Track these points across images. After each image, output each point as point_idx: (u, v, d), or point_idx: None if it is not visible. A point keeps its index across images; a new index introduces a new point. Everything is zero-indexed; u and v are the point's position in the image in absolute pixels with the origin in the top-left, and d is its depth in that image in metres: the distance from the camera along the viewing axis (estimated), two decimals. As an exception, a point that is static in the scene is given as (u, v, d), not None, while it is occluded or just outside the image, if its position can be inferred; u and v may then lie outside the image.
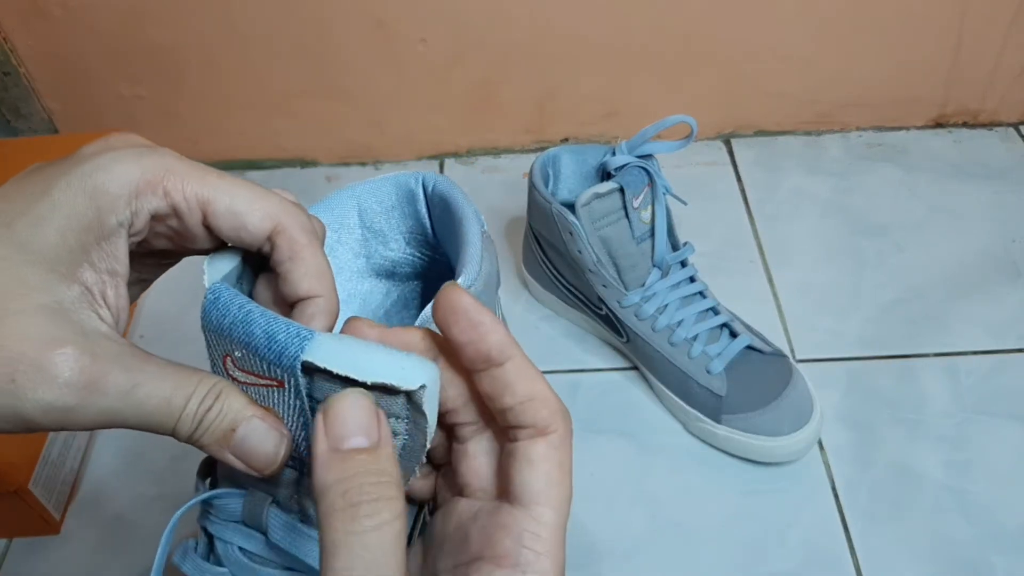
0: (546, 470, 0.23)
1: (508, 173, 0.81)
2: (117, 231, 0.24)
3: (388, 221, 0.36)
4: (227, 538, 0.28)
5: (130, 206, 0.24)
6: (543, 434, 0.23)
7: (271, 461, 0.24)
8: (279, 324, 0.24)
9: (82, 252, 0.23)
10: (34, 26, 0.72)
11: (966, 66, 0.78)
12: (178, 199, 0.24)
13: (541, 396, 0.24)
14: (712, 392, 0.57)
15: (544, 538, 0.23)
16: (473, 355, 0.23)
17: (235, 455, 0.24)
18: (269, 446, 0.24)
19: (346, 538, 0.20)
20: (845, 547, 0.54)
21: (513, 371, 0.23)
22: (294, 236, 0.25)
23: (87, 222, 0.23)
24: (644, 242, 0.58)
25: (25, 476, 0.53)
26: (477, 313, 0.23)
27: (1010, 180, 0.77)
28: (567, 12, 0.72)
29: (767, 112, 0.81)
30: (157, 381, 0.23)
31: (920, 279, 0.69)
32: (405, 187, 0.35)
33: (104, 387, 0.22)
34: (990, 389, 0.61)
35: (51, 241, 0.23)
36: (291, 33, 0.73)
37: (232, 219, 0.25)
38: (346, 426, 0.21)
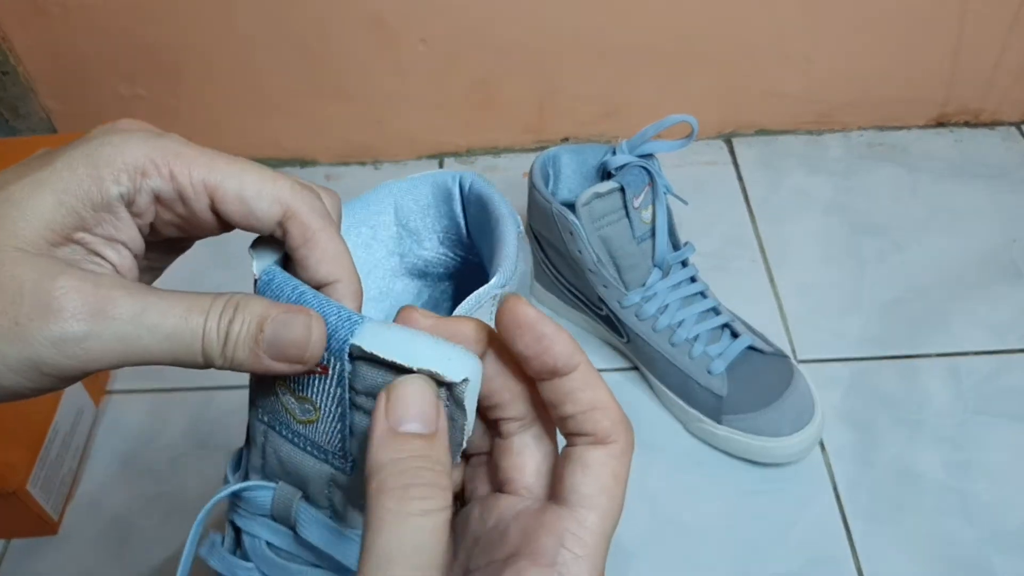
0: (599, 476, 0.23)
1: (508, 173, 0.81)
2: (117, 201, 0.23)
3: (423, 220, 0.36)
4: (255, 532, 0.28)
5: (133, 181, 0.23)
6: (603, 443, 0.23)
7: (307, 343, 0.23)
8: (331, 307, 0.23)
9: (78, 215, 0.23)
10: (33, 25, 0.72)
11: (967, 65, 0.78)
12: (184, 183, 0.24)
13: (604, 406, 0.23)
14: (713, 392, 0.57)
15: (586, 542, 0.22)
16: (539, 367, 0.23)
17: (272, 356, 0.23)
18: (299, 329, 0.23)
19: (394, 517, 0.20)
20: (846, 547, 0.54)
21: (578, 380, 0.23)
22: (305, 221, 0.24)
23: (86, 188, 0.23)
24: (645, 242, 0.58)
25: (23, 476, 0.53)
26: (541, 325, 0.23)
27: (1011, 180, 0.77)
28: (567, 12, 0.72)
29: (768, 111, 0.81)
30: (168, 302, 0.23)
31: (921, 279, 0.69)
32: (442, 186, 0.35)
33: (113, 311, 0.22)
34: (991, 389, 0.61)
35: (47, 202, 0.22)
36: (291, 32, 0.73)
37: (240, 205, 0.24)
38: (408, 409, 0.21)
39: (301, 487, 0.27)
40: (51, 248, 0.22)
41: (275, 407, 0.26)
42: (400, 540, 0.20)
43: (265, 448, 0.27)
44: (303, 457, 0.27)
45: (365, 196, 0.35)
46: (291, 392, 0.25)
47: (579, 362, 0.23)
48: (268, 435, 0.27)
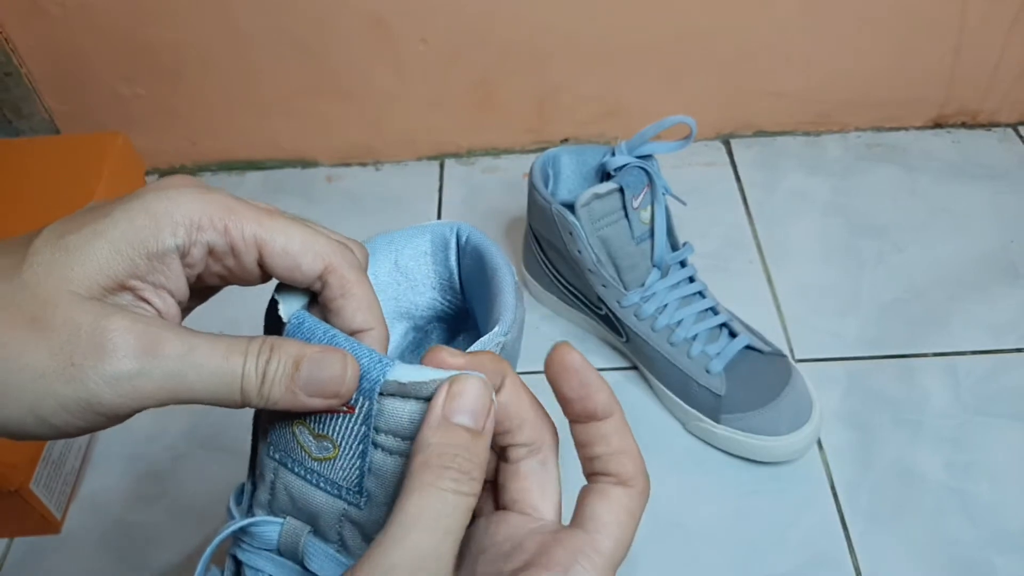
0: (617, 510, 0.25)
1: (508, 173, 0.81)
2: (171, 253, 0.24)
3: (421, 268, 0.38)
4: (258, 567, 0.28)
5: (189, 235, 0.24)
6: (624, 484, 0.26)
7: (343, 379, 0.24)
8: (363, 350, 0.25)
9: (132, 263, 0.24)
10: (35, 26, 0.72)
11: (966, 67, 0.78)
12: (236, 237, 0.25)
13: (631, 452, 0.26)
14: (711, 392, 0.57)
15: (597, 564, 0.24)
16: (579, 411, 0.26)
17: (308, 393, 0.24)
18: (336, 367, 0.24)
19: (428, 488, 0.22)
20: (845, 547, 0.54)
21: (611, 426, 0.26)
22: (345, 275, 0.26)
23: (143, 238, 0.24)
24: (643, 242, 0.58)
25: (26, 476, 0.53)
26: (587, 373, 0.25)
27: (1009, 180, 0.77)
28: (567, 12, 0.72)
29: (766, 112, 0.81)
30: (211, 343, 0.24)
31: (919, 279, 0.69)
32: (440, 236, 0.37)
33: (162, 350, 0.23)
34: (990, 389, 0.61)
35: (103, 250, 0.23)
36: (291, 32, 0.73)
37: (287, 259, 0.26)
38: (465, 402, 0.23)
39: (311, 522, 0.28)
40: (104, 293, 0.23)
41: (289, 444, 0.27)
42: (428, 506, 0.22)
43: (275, 484, 0.28)
44: (315, 493, 0.27)
45: (366, 244, 0.36)
46: (309, 430, 0.26)
47: (615, 411, 0.26)
48: (279, 472, 0.28)
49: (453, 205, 0.78)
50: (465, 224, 0.36)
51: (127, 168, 0.70)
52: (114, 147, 0.68)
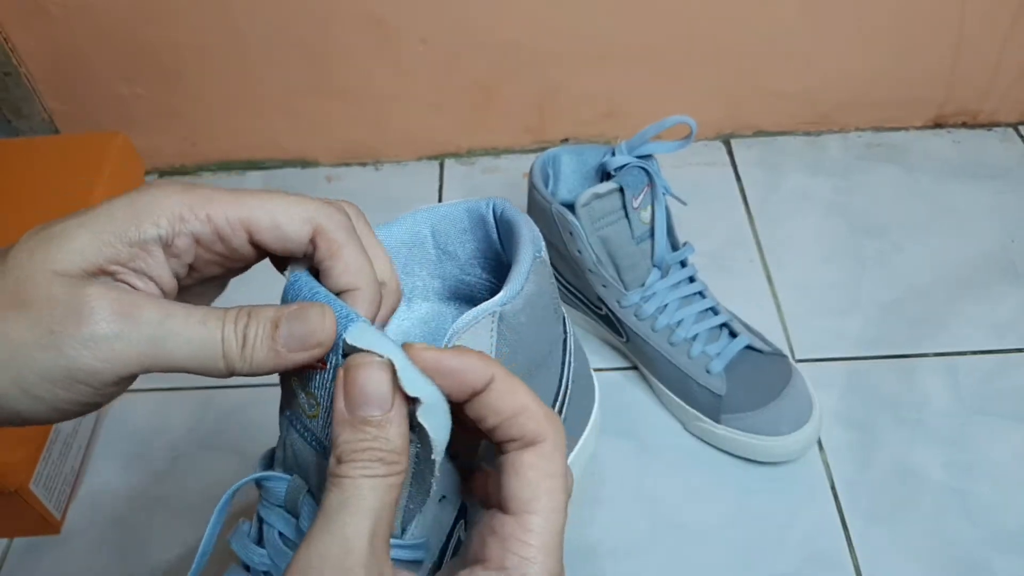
0: (533, 479, 0.24)
1: (508, 173, 0.81)
2: (153, 242, 0.25)
3: (463, 245, 0.36)
4: (271, 521, 0.29)
5: (172, 226, 0.25)
6: (532, 444, 0.24)
7: (321, 328, 0.24)
8: (336, 305, 0.25)
9: (113, 248, 0.24)
10: (34, 26, 0.72)
11: (966, 66, 0.78)
12: (220, 223, 0.25)
13: (525, 409, 0.24)
14: (712, 392, 0.57)
15: (533, 545, 0.23)
16: (461, 395, 0.24)
17: (289, 348, 0.24)
18: (313, 319, 0.24)
19: (343, 480, 0.23)
20: (845, 547, 0.54)
21: (495, 392, 0.24)
22: (332, 236, 0.26)
23: (123, 227, 0.24)
24: (644, 242, 0.58)
25: (26, 476, 0.53)
26: (446, 361, 0.24)
27: (1010, 180, 0.77)
28: (567, 12, 0.72)
29: (767, 112, 0.81)
30: (188, 311, 0.24)
31: (920, 279, 0.69)
32: (476, 211, 0.36)
33: (139, 315, 0.23)
34: (990, 389, 0.61)
35: (84, 237, 0.24)
36: (291, 33, 0.73)
37: (274, 231, 0.26)
38: (362, 394, 0.23)
39: (307, 480, 0.28)
40: (84, 275, 0.24)
41: (293, 402, 0.28)
42: (346, 497, 0.23)
43: (285, 441, 0.29)
44: (308, 450, 0.28)
45: (401, 218, 0.35)
46: (302, 387, 0.27)
47: (492, 374, 0.24)
48: (288, 429, 0.29)
49: (453, 205, 0.78)
50: (501, 200, 0.35)
51: (127, 168, 0.70)
52: (114, 147, 0.68)
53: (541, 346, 0.32)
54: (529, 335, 0.31)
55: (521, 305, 0.30)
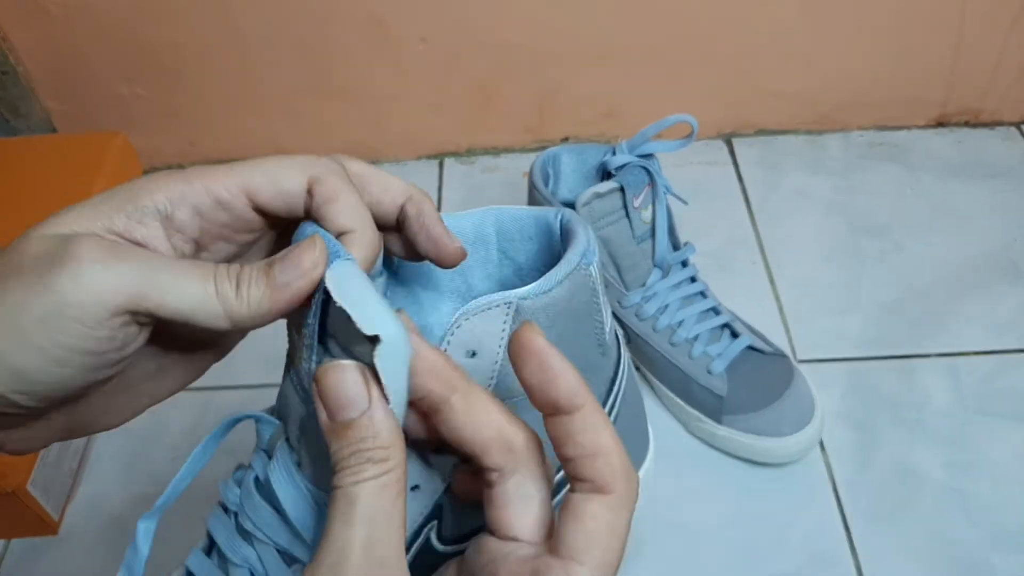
0: (592, 528, 0.22)
1: (508, 173, 0.81)
2: (151, 215, 0.25)
3: (526, 252, 0.34)
4: (253, 464, 0.29)
5: (170, 200, 0.25)
6: (600, 492, 0.23)
7: (312, 257, 0.24)
8: (331, 242, 0.25)
9: (109, 219, 0.24)
10: (33, 25, 0.72)
11: (967, 65, 0.78)
12: (219, 191, 0.25)
13: (606, 453, 0.23)
14: (713, 392, 0.57)
15: None
16: (542, 400, 0.23)
17: (285, 286, 0.24)
18: (304, 250, 0.24)
19: (334, 493, 0.23)
20: (846, 548, 0.54)
21: (580, 422, 0.23)
22: (329, 182, 0.26)
23: (120, 201, 0.25)
24: (645, 242, 0.58)
25: (23, 476, 0.53)
26: (549, 357, 0.23)
27: (1012, 179, 0.77)
28: (567, 12, 0.72)
29: (768, 111, 0.81)
30: (177, 259, 0.25)
31: (921, 279, 0.69)
32: (543, 221, 0.34)
33: (126, 255, 0.23)
34: (991, 389, 0.61)
35: (83, 210, 0.25)
36: (291, 32, 0.73)
37: (273, 187, 0.26)
38: (336, 400, 0.23)
39: (287, 426, 0.28)
40: (77, 228, 0.24)
41: (291, 347, 0.28)
42: (338, 508, 0.22)
43: (281, 388, 0.29)
44: (291, 394, 0.27)
45: (468, 213, 0.34)
46: (295, 327, 0.26)
47: (584, 403, 0.23)
48: (284, 377, 0.29)
49: (453, 204, 0.78)
50: (569, 210, 0.33)
51: (125, 169, 0.70)
52: (112, 147, 0.68)
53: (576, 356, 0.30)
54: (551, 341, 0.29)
55: (543, 305, 0.28)
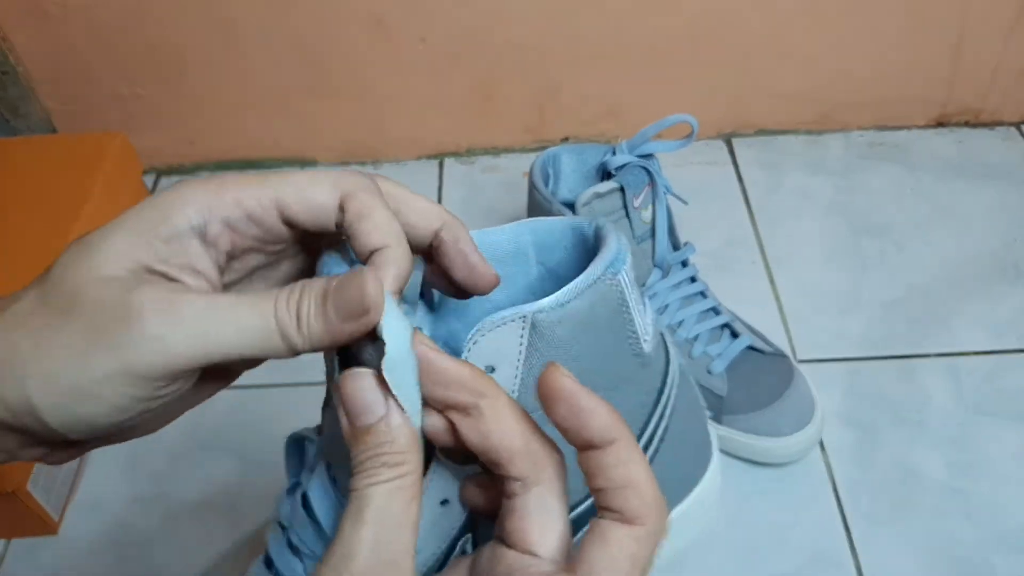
0: (616, 555, 0.23)
1: (508, 173, 0.81)
2: (187, 233, 0.25)
3: (567, 265, 0.33)
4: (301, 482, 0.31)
5: (201, 215, 0.25)
6: (629, 523, 0.23)
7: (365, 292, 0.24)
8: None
9: (151, 247, 0.24)
10: (33, 25, 0.72)
11: (968, 65, 0.78)
12: (251, 205, 0.25)
13: (636, 485, 0.23)
14: (713, 392, 0.57)
15: None
16: (575, 439, 0.24)
17: (340, 317, 0.24)
18: (355, 283, 0.24)
19: (350, 495, 0.23)
20: (847, 548, 0.54)
21: (612, 456, 0.23)
22: (362, 198, 0.26)
23: (155, 224, 0.24)
24: (645, 242, 0.58)
25: (23, 476, 0.53)
26: (579, 399, 0.23)
27: (1012, 180, 0.77)
28: (567, 12, 0.72)
29: (768, 111, 0.81)
30: (236, 300, 0.24)
31: (922, 279, 0.69)
32: (579, 231, 0.33)
33: (182, 311, 0.23)
34: (991, 389, 0.61)
35: (120, 240, 0.24)
36: (290, 32, 0.73)
37: (304, 203, 0.26)
38: (354, 407, 0.24)
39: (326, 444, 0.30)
40: (130, 275, 0.24)
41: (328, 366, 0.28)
42: (350, 508, 0.23)
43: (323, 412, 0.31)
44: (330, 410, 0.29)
45: (502, 228, 0.33)
46: None
47: (616, 437, 0.23)
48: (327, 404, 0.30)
49: (453, 204, 0.78)
50: (602, 219, 0.32)
51: (124, 169, 0.70)
52: (112, 147, 0.68)
53: (593, 375, 0.28)
54: (574, 354, 0.28)
55: (559, 318, 0.27)
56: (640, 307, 0.30)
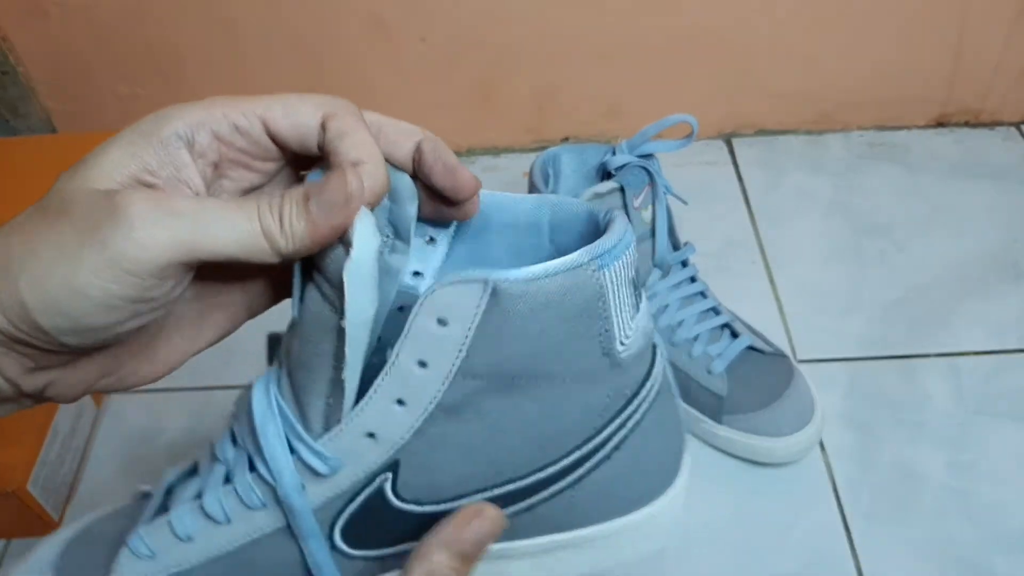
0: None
1: (508, 172, 0.81)
2: (176, 141, 0.26)
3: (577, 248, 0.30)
4: None
5: (190, 127, 0.26)
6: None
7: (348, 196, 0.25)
8: None
9: (141, 159, 0.25)
10: (33, 25, 0.72)
11: (968, 65, 0.77)
12: (237, 118, 0.27)
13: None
14: (713, 393, 0.57)
15: None
16: None
17: (323, 210, 0.25)
18: (335, 180, 0.25)
19: None
20: (847, 548, 0.53)
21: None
22: (343, 118, 0.27)
23: (147, 133, 0.26)
24: (645, 242, 0.58)
25: (23, 476, 0.53)
26: None
27: (1012, 180, 0.77)
28: (567, 12, 0.72)
29: (768, 111, 0.81)
30: (223, 202, 0.26)
31: (922, 279, 0.69)
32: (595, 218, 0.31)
33: (174, 206, 0.24)
34: (992, 389, 0.61)
35: (113, 152, 0.25)
36: (290, 31, 0.73)
37: (289, 118, 0.27)
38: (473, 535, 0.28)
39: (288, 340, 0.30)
40: (121, 186, 0.25)
41: None
42: None
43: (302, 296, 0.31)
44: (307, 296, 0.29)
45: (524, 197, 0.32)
46: None
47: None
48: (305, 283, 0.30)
49: (453, 205, 0.78)
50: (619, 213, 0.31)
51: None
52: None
53: (548, 360, 0.28)
54: (530, 332, 0.27)
55: (522, 292, 0.26)
56: (627, 308, 0.29)
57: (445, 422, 0.28)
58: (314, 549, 0.30)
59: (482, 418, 0.28)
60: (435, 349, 0.27)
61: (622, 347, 0.29)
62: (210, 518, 0.30)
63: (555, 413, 0.29)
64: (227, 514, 0.30)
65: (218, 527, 0.30)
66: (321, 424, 0.28)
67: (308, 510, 0.29)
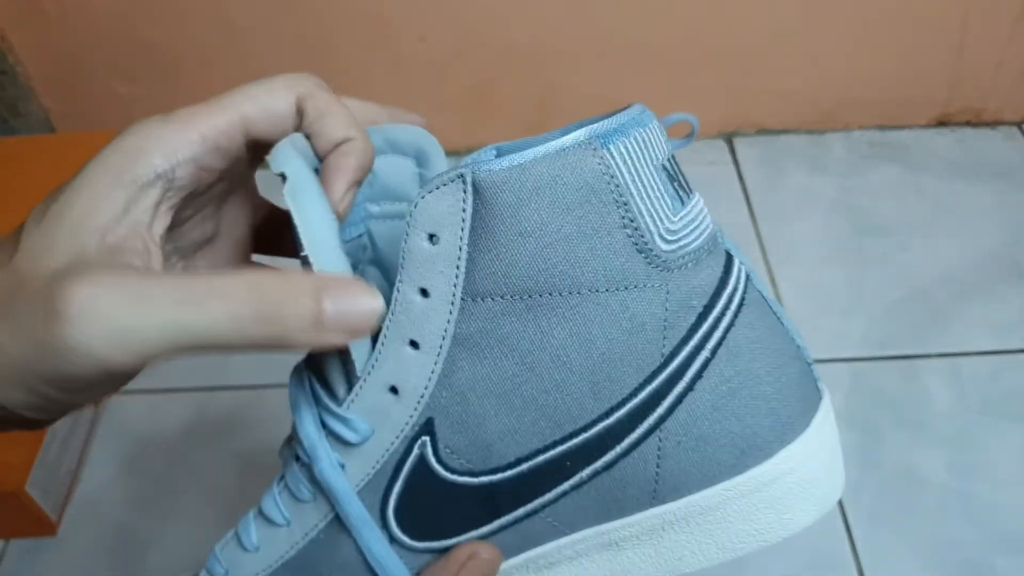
0: None
1: (508, 172, 0.81)
2: (153, 182, 0.24)
3: None
4: None
5: (169, 160, 0.24)
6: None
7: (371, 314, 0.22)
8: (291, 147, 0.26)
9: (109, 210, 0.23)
10: (31, 25, 0.72)
11: (970, 65, 0.77)
12: (215, 136, 0.25)
13: None
14: (714, 393, 0.56)
15: None
16: None
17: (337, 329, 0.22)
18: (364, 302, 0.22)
19: None
20: (848, 548, 0.53)
21: None
22: (317, 96, 0.27)
23: (117, 171, 0.23)
24: (645, 242, 0.58)
25: (22, 477, 0.53)
26: None
27: (1014, 180, 0.77)
28: (567, 11, 0.72)
29: (769, 111, 0.81)
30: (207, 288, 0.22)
31: (924, 279, 0.69)
32: None
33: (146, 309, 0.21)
34: (994, 390, 0.61)
35: (77, 205, 0.23)
36: (289, 29, 0.73)
37: (267, 116, 0.26)
38: None
39: None
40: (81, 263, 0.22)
41: None
42: None
43: None
44: None
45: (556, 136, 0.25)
46: None
47: None
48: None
49: (453, 204, 0.78)
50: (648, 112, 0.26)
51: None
52: (111, 146, 0.68)
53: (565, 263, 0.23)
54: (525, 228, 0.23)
55: (503, 180, 0.23)
56: (658, 195, 0.25)
57: (468, 362, 0.24)
58: (368, 540, 0.26)
59: (508, 351, 0.24)
60: (432, 271, 0.23)
61: (666, 244, 0.24)
62: (271, 522, 0.28)
63: (595, 335, 0.24)
64: (284, 514, 0.27)
65: (278, 531, 0.28)
66: (344, 390, 0.26)
67: (349, 490, 0.26)
